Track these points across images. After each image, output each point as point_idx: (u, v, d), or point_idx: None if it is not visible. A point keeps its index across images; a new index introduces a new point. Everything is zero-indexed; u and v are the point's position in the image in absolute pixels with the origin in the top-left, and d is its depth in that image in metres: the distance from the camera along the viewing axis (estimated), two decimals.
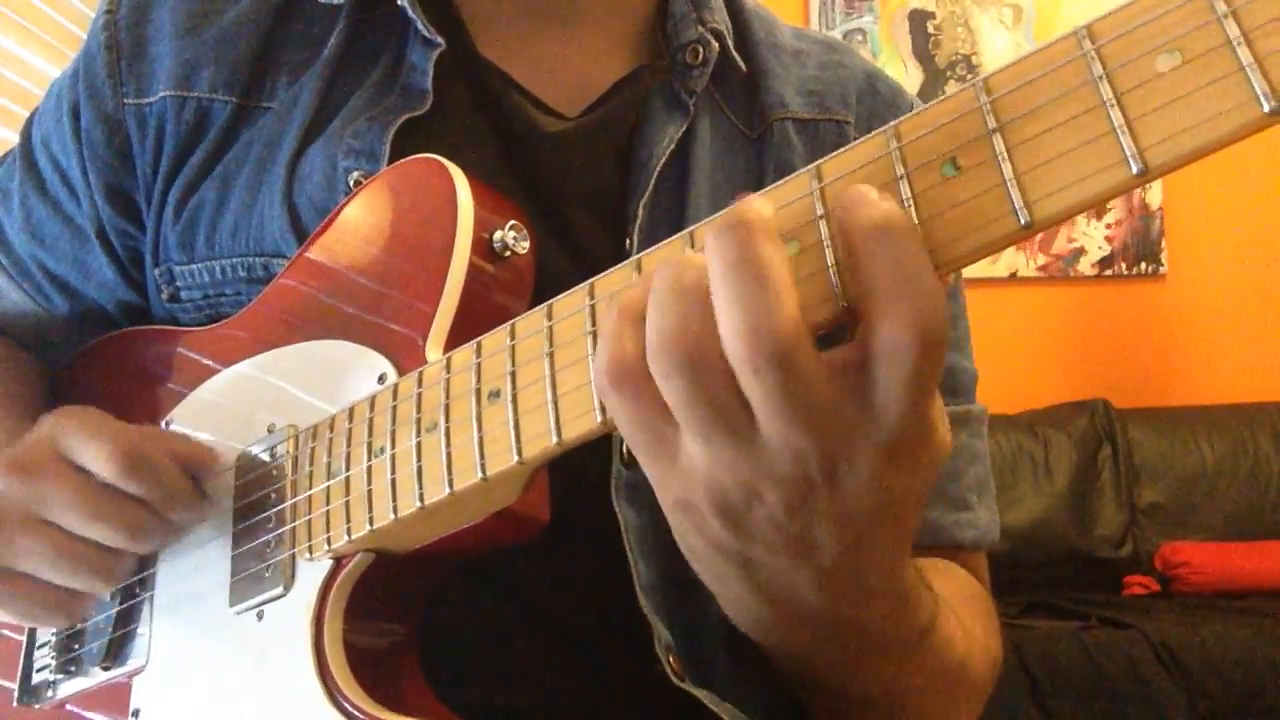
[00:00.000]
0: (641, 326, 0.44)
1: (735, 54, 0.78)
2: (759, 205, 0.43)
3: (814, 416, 0.42)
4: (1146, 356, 3.51)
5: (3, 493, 0.65)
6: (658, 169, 0.72)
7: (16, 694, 0.76)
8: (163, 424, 0.75)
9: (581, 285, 0.52)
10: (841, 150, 0.45)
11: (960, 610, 0.65)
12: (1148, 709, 2.44)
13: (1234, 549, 2.99)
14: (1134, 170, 0.37)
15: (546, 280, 0.65)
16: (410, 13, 0.73)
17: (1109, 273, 3.49)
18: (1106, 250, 3.49)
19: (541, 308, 0.53)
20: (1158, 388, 3.46)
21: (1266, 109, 0.35)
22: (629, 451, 0.67)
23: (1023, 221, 0.39)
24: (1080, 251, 3.49)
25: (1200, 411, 3.30)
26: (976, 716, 0.73)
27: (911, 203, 0.42)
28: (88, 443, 0.64)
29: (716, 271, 0.42)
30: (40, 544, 0.64)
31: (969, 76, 3.46)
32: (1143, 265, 3.49)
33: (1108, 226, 3.48)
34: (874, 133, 0.44)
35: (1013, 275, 3.46)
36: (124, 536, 0.65)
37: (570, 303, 0.52)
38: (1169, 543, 3.04)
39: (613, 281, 0.51)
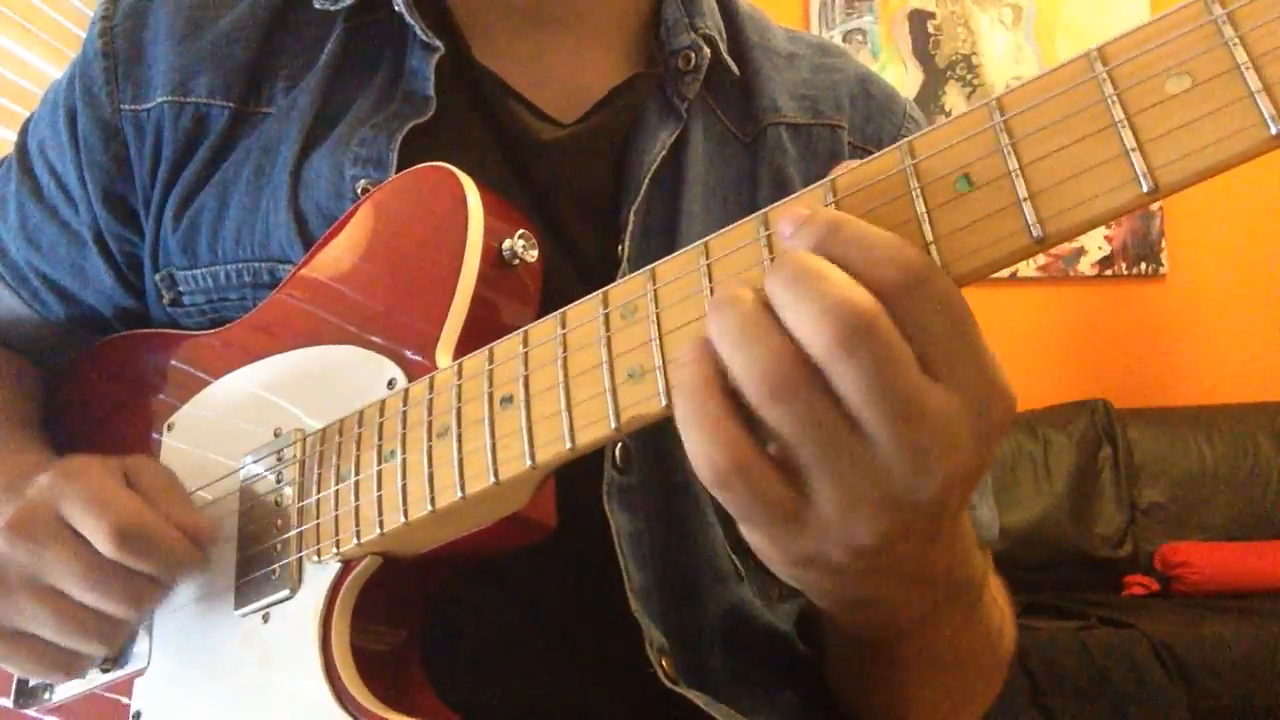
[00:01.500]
0: (724, 400, 0.43)
1: (728, 58, 0.78)
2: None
3: (915, 404, 0.41)
4: (1146, 356, 3.52)
5: (7, 555, 0.64)
6: (649, 175, 0.73)
7: (13, 697, 0.76)
8: (165, 427, 0.75)
9: (595, 294, 0.52)
10: (856, 165, 0.45)
11: (994, 584, 0.67)
12: (1148, 709, 2.44)
13: (1234, 549, 2.99)
14: (1145, 189, 0.38)
15: (544, 285, 0.66)
16: (408, 17, 0.73)
17: (1109, 273, 3.49)
18: (1106, 250, 3.49)
19: (555, 315, 0.54)
20: (1158, 388, 3.46)
21: (1274, 131, 0.36)
22: (621, 455, 0.67)
23: (1035, 236, 0.40)
24: (1080, 251, 3.49)
25: (1200, 411, 3.30)
26: (998, 689, 0.74)
27: (926, 217, 0.43)
28: (88, 518, 0.63)
29: (785, 283, 0.41)
30: (44, 610, 0.64)
31: (969, 76, 3.46)
32: (1143, 265, 3.50)
33: (1108, 226, 3.49)
34: (888, 148, 0.45)
35: (1013, 275, 3.46)
36: (126, 608, 0.64)
37: (583, 311, 0.52)
38: (1169, 543, 3.05)
39: (626, 290, 0.51)
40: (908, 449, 0.41)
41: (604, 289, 0.52)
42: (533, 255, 0.65)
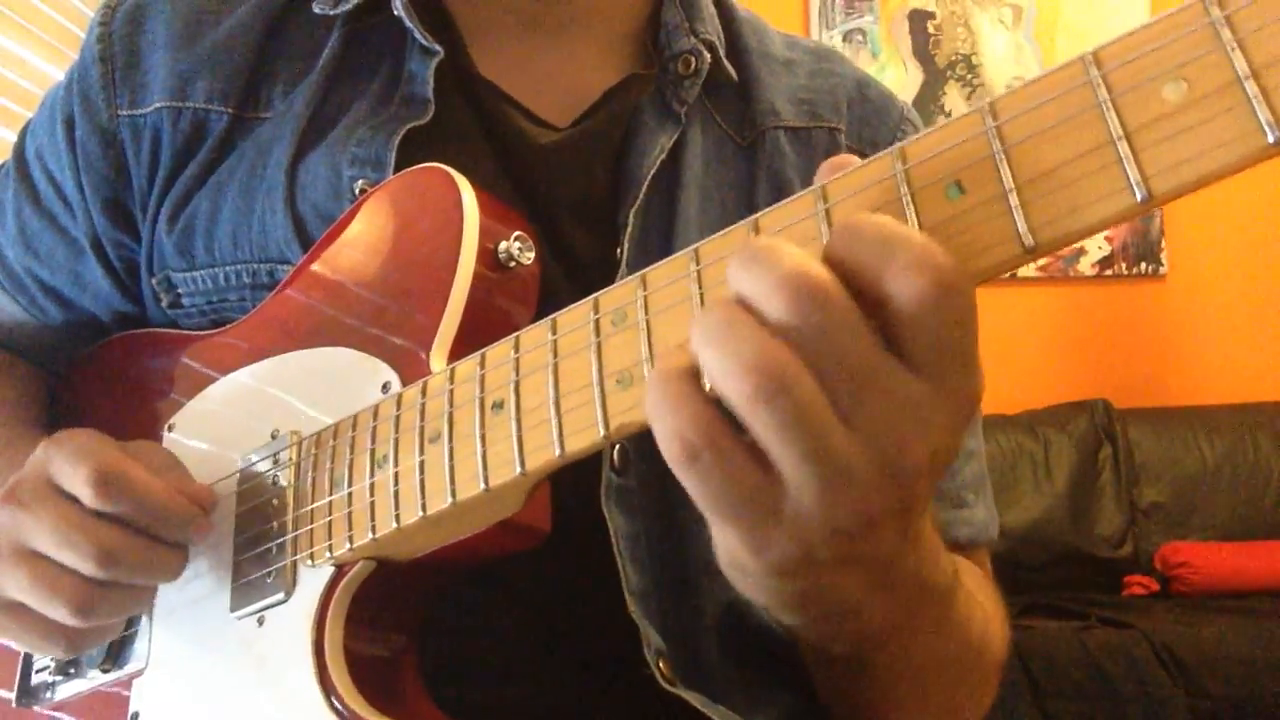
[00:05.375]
0: (697, 385, 0.41)
1: (727, 63, 0.78)
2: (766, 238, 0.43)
3: (898, 396, 0.40)
4: (1146, 356, 3.51)
5: (2, 525, 0.64)
6: (649, 178, 0.73)
7: (15, 695, 0.76)
8: (165, 428, 0.75)
9: (586, 300, 0.52)
10: (847, 171, 0.45)
11: (972, 587, 0.65)
12: (1148, 709, 2.44)
13: (1234, 549, 2.99)
14: (1138, 198, 0.37)
15: (540, 290, 0.66)
16: (407, 22, 0.73)
17: (1109, 273, 3.49)
18: (1106, 250, 3.49)
19: (545, 321, 0.53)
20: (1158, 388, 3.46)
21: (1271, 139, 0.35)
22: (619, 458, 0.67)
23: (1026, 246, 0.39)
24: (1080, 251, 3.49)
25: (1200, 411, 3.30)
26: (992, 696, 0.73)
27: (916, 225, 0.42)
28: (69, 468, 0.62)
29: (742, 265, 0.40)
30: (20, 571, 0.63)
31: (969, 76, 3.46)
32: (1143, 265, 3.49)
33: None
34: (879, 154, 0.44)
35: (1013, 275, 3.46)
36: (93, 562, 0.61)
37: (574, 316, 0.52)
38: (1169, 543, 3.05)
39: (616, 297, 0.50)
40: (888, 436, 0.40)
41: (595, 295, 0.51)
42: (529, 257, 0.64)
